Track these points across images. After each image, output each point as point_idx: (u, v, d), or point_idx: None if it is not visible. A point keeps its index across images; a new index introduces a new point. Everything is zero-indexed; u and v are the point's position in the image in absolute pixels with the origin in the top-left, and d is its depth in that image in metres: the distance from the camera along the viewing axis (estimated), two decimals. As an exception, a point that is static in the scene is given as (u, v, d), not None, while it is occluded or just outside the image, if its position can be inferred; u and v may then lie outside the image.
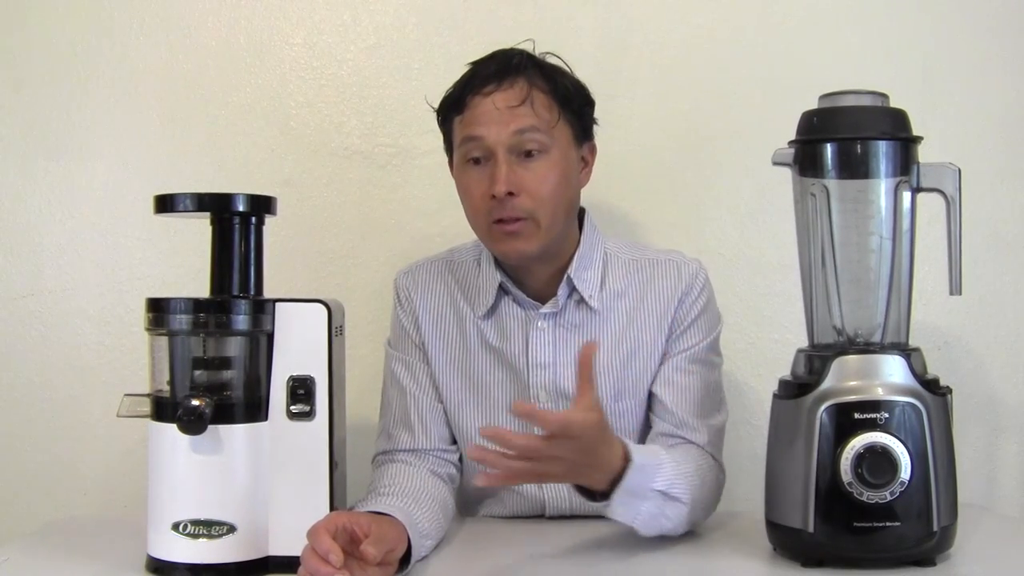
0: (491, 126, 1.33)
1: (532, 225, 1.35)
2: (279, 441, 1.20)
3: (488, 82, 1.35)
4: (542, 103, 1.36)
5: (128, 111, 1.81)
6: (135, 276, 1.81)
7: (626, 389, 1.42)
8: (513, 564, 1.25)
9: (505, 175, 1.32)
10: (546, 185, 1.34)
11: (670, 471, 1.24)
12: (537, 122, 1.34)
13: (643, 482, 1.21)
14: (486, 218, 1.36)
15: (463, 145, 1.37)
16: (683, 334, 1.42)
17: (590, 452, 1.15)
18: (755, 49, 1.79)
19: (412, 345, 1.47)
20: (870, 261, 1.24)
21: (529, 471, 1.13)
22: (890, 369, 1.18)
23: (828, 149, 1.24)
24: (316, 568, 1.05)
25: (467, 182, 1.37)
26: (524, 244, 1.35)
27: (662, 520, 1.25)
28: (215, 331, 1.20)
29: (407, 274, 1.50)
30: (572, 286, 1.41)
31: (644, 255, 1.46)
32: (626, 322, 1.42)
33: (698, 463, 1.33)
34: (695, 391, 1.40)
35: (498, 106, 1.34)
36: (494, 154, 1.34)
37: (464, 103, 1.36)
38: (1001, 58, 1.79)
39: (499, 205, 1.33)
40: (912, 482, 1.14)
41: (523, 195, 1.33)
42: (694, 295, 1.42)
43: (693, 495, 1.27)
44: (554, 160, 1.36)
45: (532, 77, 1.36)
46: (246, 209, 1.23)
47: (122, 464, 1.80)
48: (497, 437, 1.09)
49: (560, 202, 1.37)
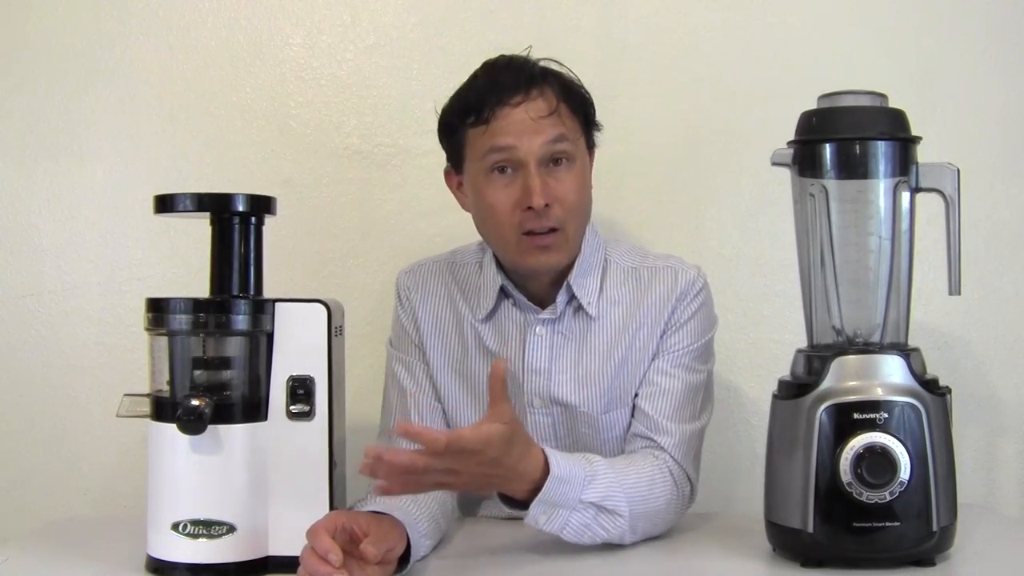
0: (522, 136, 1.32)
1: (561, 237, 1.35)
2: (279, 441, 1.20)
3: (515, 92, 1.33)
4: (567, 113, 1.36)
5: (128, 111, 1.81)
6: (135, 276, 1.81)
7: (617, 397, 1.40)
8: (512, 564, 1.25)
9: (541, 187, 1.31)
10: (574, 195, 1.35)
11: (606, 482, 1.23)
12: (566, 132, 1.35)
13: (568, 493, 1.20)
14: (515, 230, 1.34)
15: (489, 155, 1.34)
16: (672, 335, 1.41)
17: (496, 464, 1.12)
18: (755, 49, 1.79)
19: (411, 345, 1.47)
20: (869, 261, 1.24)
21: (418, 484, 1.12)
22: (889, 369, 1.18)
23: (827, 149, 1.24)
24: (315, 568, 1.05)
25: (492, 193, 1.35)
26: (555, 257, 1.36)
27: (597, 530, 1.23)
28: (215, 331, 1.20)
29: (408, 273, 1.50)
30: (571, 293, 1.40)
31: (643, 262, 1.45)
32: (621, 328, 1.41)
33: (650, 472, 1.30)
34: (674, 395, 1.38)
35: (530, 116, 1.33)
36: (524, 165, 1.33)
37: (489, 114, 1.33)
38: (1001, 58, 1.79)
39: (533, 216, 1.32)
40: (912, 482, 1.14)
41: (555, 205, 1.33)
42: (688, 299, 1.41)
43: (634, 507, 1.25)
44: (579, 169, 1.36)
45: (555, 88, 1.36)
46: (246, 209, 1.23)
47: (122, 464, 1.80)
48: (375, 456, 1.07)
49: (585, 211, 1.38)
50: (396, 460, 1.07)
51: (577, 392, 1.40)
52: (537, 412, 1.41)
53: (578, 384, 1.40)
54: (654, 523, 1.31)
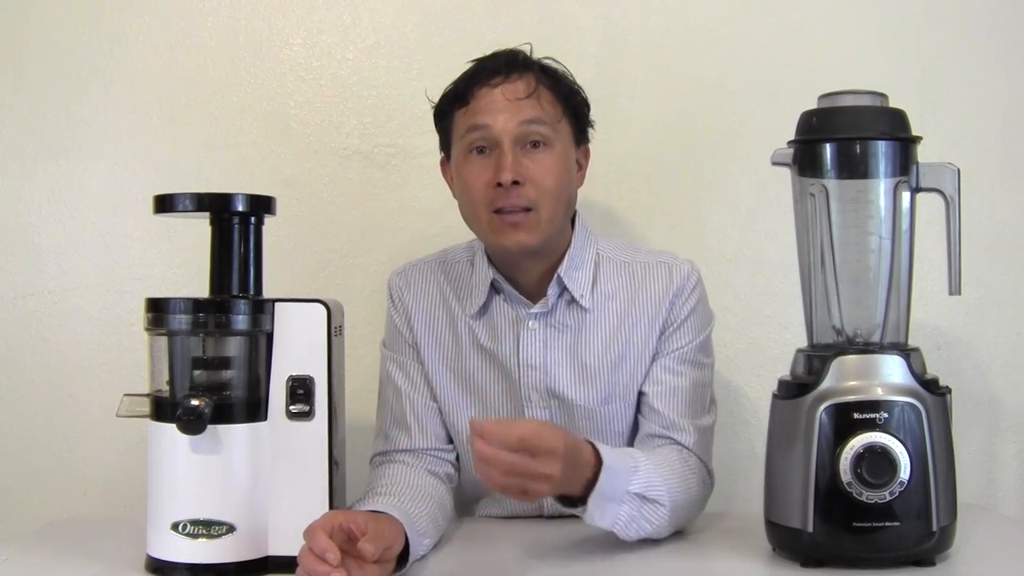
0: (498, 115, 1.34)
1: (534, 217, 1.35)
2: (279, 441, 1.20)
3: (495, 74, 1.36)
4: (547, 98, 1.37)
5: (128, 111, 1.81)
6: (135, 276, 1.81)
7: (617, 392, 1.41)
8: (511, 563, 1.25)
9: (511, 163, 1.33)
10: (550, 177, 1.35)
11: (647, 473, 1.24)
12: (543, 115, 1.36)
13: (618, 485, 1.21)
14: (487, 208, 1.35)
15: (467, 135, 1.36)
16: (673, 334, 1.41)
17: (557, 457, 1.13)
18: (755, 49, 1.79)
19: (406, 345, 1.47)
20: (869, 261, 1.24)
21: (515, 487, 1.12)
22: (889, 369, 1.18)
23: (827, 149, 1.24)
24: (313, 567, 1.05)
25: (468, 172, 1.37)
26: (525, 236, 1.35)
27: (643, 523, 1.24)
28: (215, 331, 1.20)
29: (399, 274, 1.51)
30: (563, 285, 1.41)
31: (636, 257, 1.45)
32: (617, 324, 1.41)
33: (679, 464, 1.32)
34: (684, 392, 1.40)
35: (506, 97, 1.35)
36: (499, 144, 1.34)
37: (469, 94, 1.36)
38: (1001, 58, 1.79)
39: (503, 194, 1.33)
40: (911, 482, 1.14)
41: (528, 184, 1.33)
42: (685, 296, 1.42)
43: (673, 497, 1.26)
44: (557, 154, 1.37)
45: (537, 73, 1.38)
46: (246, 209, 1.24)
47: (122, 464, 1.80)
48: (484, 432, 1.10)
49: (561, 196, 1.37)
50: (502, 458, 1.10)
51: (574, 385, 1.40)
52: (534, 407, 1.41)
53: (575, 377, 1.41)
54: (687, 515, 1.33)
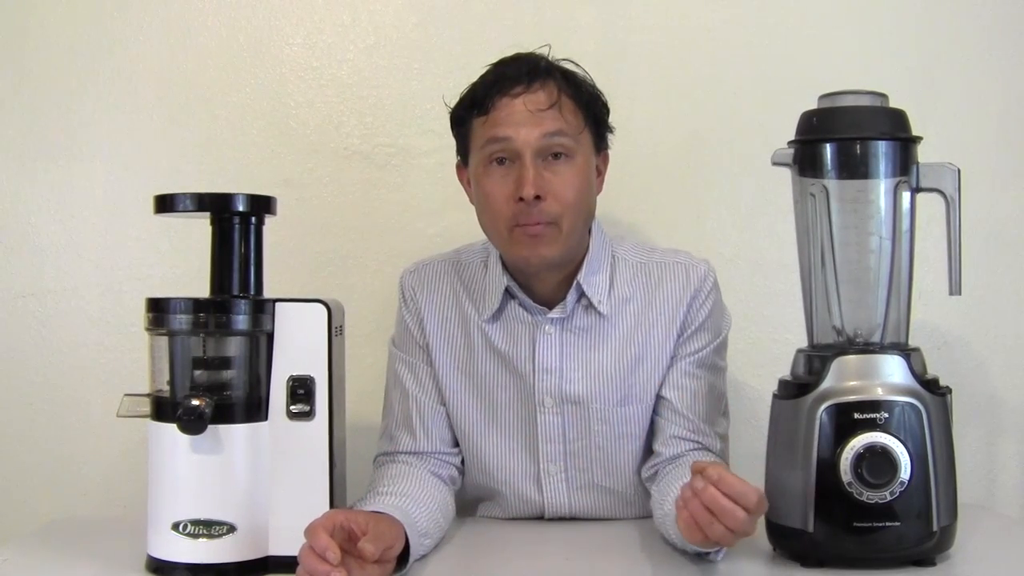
0: (519, 128, 1.31)
1: (555, 230, 1.33)
2: (279, 441, 1.20)
3: (516, 84, 1.33)
4: (569, 108, 1.35)
5: (128, 111, 1.81)
6: (135, 276, 1.81)
7: (634, 394, 1.41)
8: (512, 564, 1.25)
9: (533, 178, 1.30)
10: (571, 190, 1.33)
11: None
12: (565, 126, 1.33)
13: None
14: (507, 222, 1.33)
15: (487, 146, 1.34)
16: (692, 337, 1.41)
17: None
18: (755, 49, 1.79)
19: (416, 346, 1.46)
20: (870, 261, 1.24)
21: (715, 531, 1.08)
22: (890, 369, 1.18)
23: (828, 149, 1.24)
24: (313, 567, 1.05)
25: (489, 183, 1.34)
26: (546, 249, 1.33)
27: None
28: (215, 331, 1.20)
29: (412, 273, 1.49)
30: (581, 291, 1.40)
31: (652, 258, 1.45)
32: (633, 325, 1.41)
33: None
34: (704, 396, 1.40)
35: (528, 108, 1.32)
36: (520, 156, 1.32)
37: (490, 104, 1.33)
38: (1000, 58, 1.79)
39: (524, 209, 1.31)
40: (912, 482, 1.14)
41: (550, 199, 1.31)
42: (702, 298, 1.41)
43: None
44: (579, 166, 1.35)
45: (559, 82, 1.35)
46: (246, 209, 1.23)
47: (122, 464, 1.80)
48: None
49: (582, 208, 1.36)
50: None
51: (590, 388, 1.40)
52: (548, 412, 1.40)
53: (591, 380, 1.40)
54: None
